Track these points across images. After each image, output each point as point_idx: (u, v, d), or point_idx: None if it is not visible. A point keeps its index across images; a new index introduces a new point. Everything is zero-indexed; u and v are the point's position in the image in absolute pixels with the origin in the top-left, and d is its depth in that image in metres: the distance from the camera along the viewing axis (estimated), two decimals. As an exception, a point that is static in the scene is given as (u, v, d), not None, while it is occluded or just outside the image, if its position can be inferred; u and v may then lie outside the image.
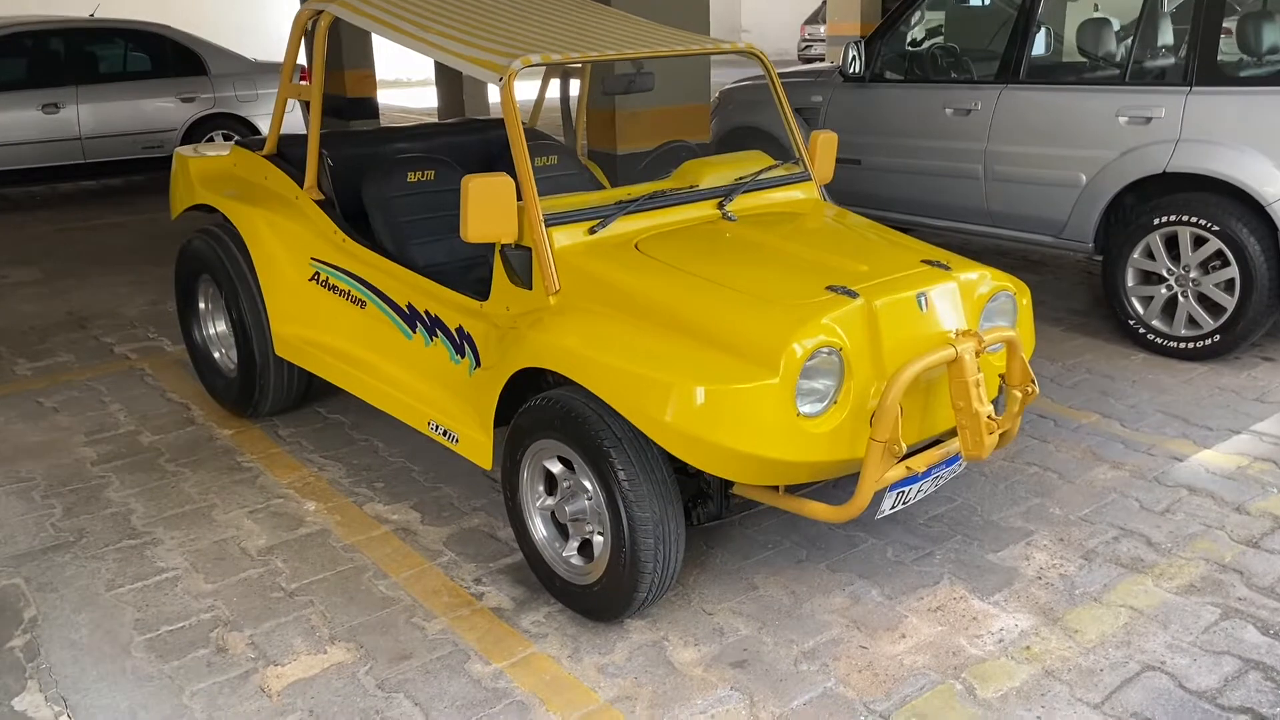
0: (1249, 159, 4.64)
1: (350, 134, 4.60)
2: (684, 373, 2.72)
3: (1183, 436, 4.22)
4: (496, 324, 3.31)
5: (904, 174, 5.90)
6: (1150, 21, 5.24)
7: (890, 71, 6.22)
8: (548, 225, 3.12)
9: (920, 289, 2.97)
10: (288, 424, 4.46)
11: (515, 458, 3.10)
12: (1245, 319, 4.79)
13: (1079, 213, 5.26)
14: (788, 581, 3.24)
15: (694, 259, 3.12)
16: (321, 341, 4.02)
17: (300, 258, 4.07)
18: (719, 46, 3.75)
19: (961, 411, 2.86)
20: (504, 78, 3.15)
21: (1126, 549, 3.39)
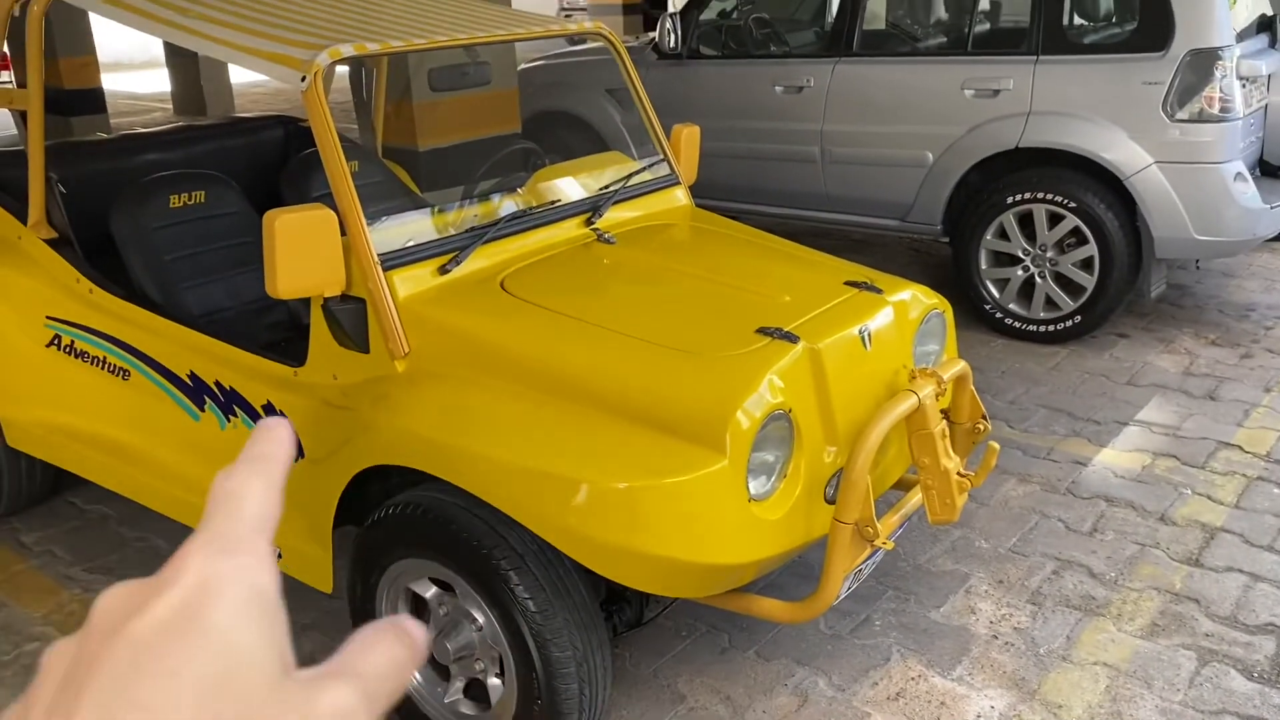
0: (1104, 131, 4.42)
1: (82, 145, 3.61)
2: (602, 464, 2.07)
3: (1074, 434, 3.94)
4: (320, 398, 2.53)
5: (733, 159, 5.40)
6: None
7: (706, 47, 5.69)
8: (386, 268, 2.37)
9: (861, 322, 2.44)
10: (33, 526, 3.46)
11: (369, 582, 2.35)
12: (1106, 298, 4.60)
13: (926, 194, 4.93)
14: (718, 683, 2.66)
15: (578, 299, 2.46)
16: (71, 426, 3.07)
17: (31, 318, 3.09)
18: (564, 28, 3.07)
19: (927, 469, 2.36)
20: (308, 76, 2.37)
21: (1072, 585, 3.02)
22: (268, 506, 0.42)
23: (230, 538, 0.40)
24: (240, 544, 0.40)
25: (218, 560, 0.39)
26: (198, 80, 12.62)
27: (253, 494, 0.42)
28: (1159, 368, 4.52)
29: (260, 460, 0.43)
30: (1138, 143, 4.37)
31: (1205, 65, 4.27)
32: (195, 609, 0.37)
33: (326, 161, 2.38)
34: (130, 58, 20.11)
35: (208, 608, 0.37)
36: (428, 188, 4.32)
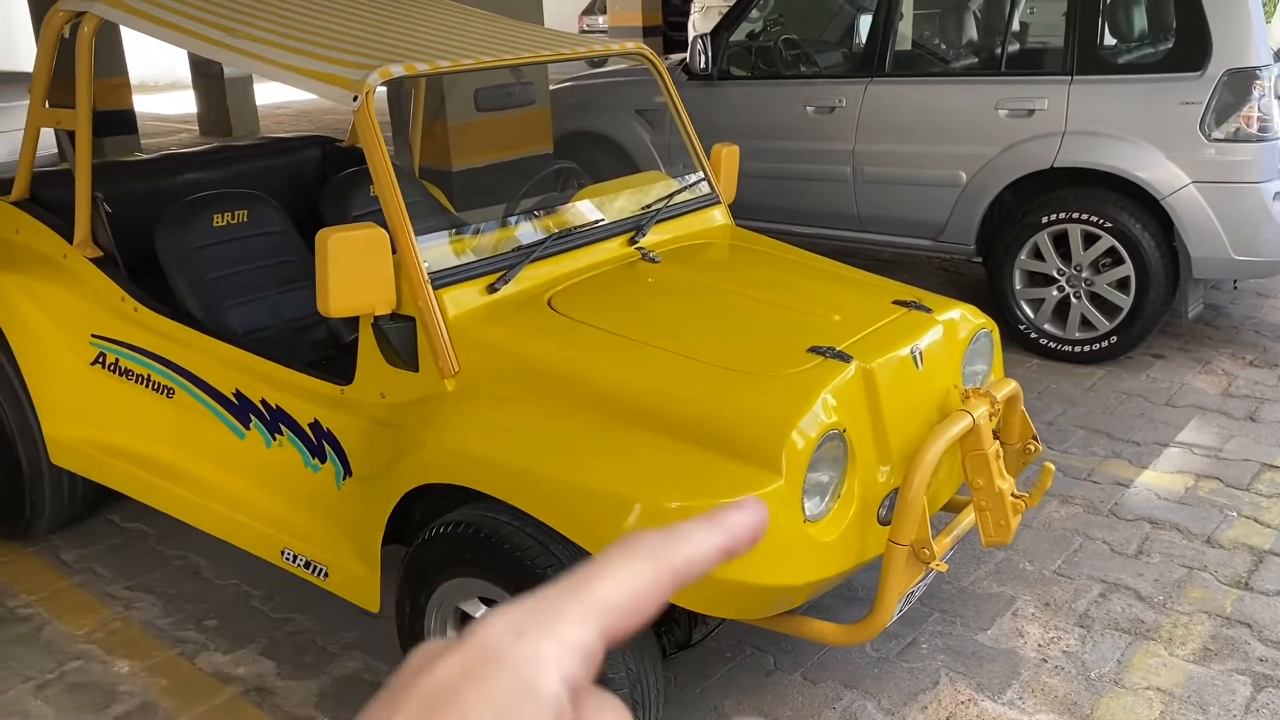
0: (1140, 151, 4.39)
1: (124, 165, 3.65)
2: (656, 483, 2.06)
3: (1115, 456, 3.90)
4: (368, 416, 2.53)
5: (764, 179, 5.40)
6: (1026, 6, 4.95)
7: (736, 67, 5.71)
8: (436, 287, 2.37)
9: (912, 342, 2.43)
10: (73, 544, 3.47)
11: (418, 601, 2.34)
12: (1142, 318, 4.56)
13: (959, 214, 4.91)
14: (765, 705, 2.63)
15: (627, 317, 2.46)
16: (116, 444, 3.07)
17: (77, 335, 3.11)
18: (607, 48, 3.08)
19: (981, 491, 2.34)
20: (360, 96, 2.38)
21: (1120, 608, 2.98)
22: (628, 599, 0.38)
23: (547, 614, 0.37)
24: (551, 626, 0.36)
25: (509, 639, 0.36)
26: (224, 101, 12.73)
27: (623, 576, 0.38)
28: (1197, 389, 4.48)
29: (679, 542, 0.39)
30: (1174, 162, 4.34)
31: (1243, 85, 4.25)
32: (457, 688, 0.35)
33: (378, 180, 2.38)
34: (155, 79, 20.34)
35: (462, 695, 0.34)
36: (463, 208, 4.33)
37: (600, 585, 0.37)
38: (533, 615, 0.36)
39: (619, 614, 0.37)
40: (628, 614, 0.38)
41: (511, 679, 0.35)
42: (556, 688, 0.35)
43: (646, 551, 0.38)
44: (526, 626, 0.36)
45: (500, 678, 0.35)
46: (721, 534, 0.40)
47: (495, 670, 0.35)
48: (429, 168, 4.68)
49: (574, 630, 0.36)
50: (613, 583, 0.37)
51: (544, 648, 0.36)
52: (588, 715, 0.37)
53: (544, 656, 0.35)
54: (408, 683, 0.36)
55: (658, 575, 0.38)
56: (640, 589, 0.38)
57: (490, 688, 0.35)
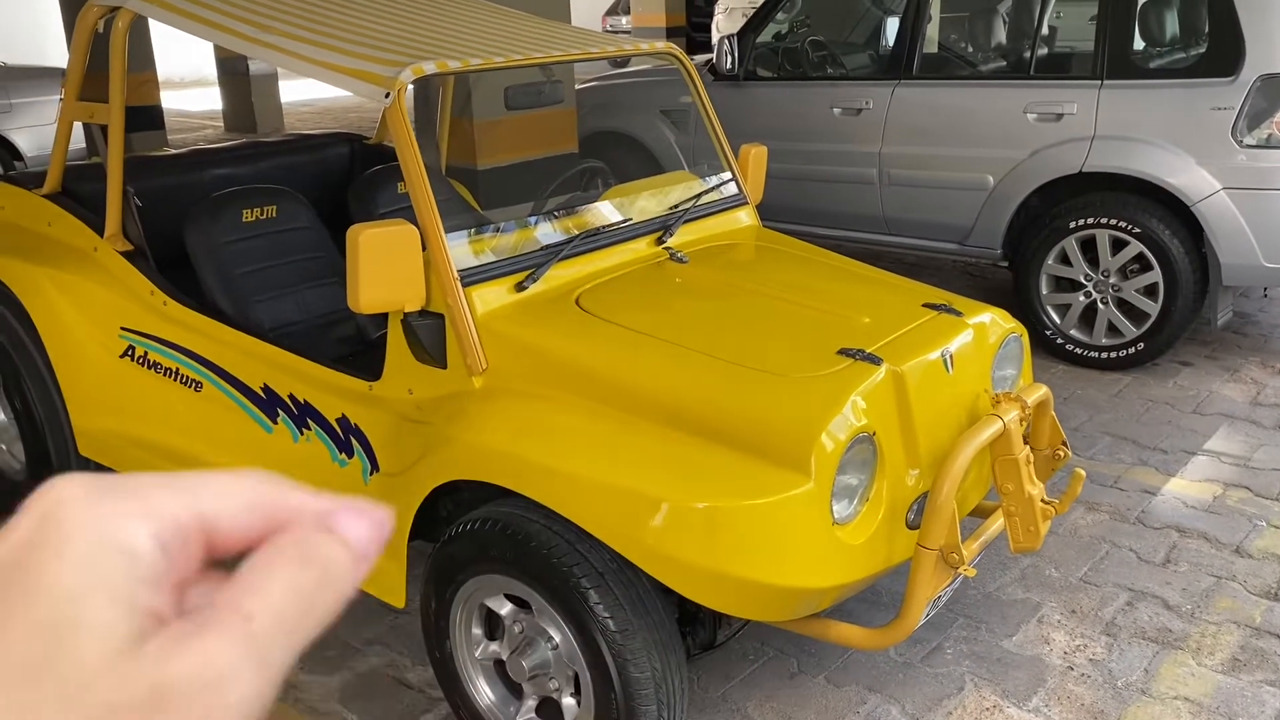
0: (1170, 156, 4.36)
1: (156, 160, 3.67)
2: (684, 483, 2.05)
3: (1142, 463, 3.87)
4: (396, 412, 2.54)
5: (789, 180, 5.38)
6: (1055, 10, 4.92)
7: (763, 68, 5.69)
8: (466, 284, 2.37)
9: (942, 346, 2.41)
10: (99, 535, 3.49)
11: (443, 597, 2.34)
12: (1170, 325, 4.52)
13: (986, 217, 4.89)
14: (788, 708, 2.62)
15: (655, 317, 2.45)
16: (143, 437, 3.09)
17: (106, 328, 3.13)
18: (637, 48, 3.08)
19: (1010, 496, 2.32)
20: (392, 94, 2.38)
21: (1147, 617, 2.95)
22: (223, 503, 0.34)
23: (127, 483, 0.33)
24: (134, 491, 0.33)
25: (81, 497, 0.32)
26: (249, 98, 12.81)
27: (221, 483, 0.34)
28: (1225, 397, 4.44)
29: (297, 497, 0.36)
30: (1205, 168, 4.30)
31: (1276, 90, 4.21)
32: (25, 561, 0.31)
33: (409, 177, 2.38)
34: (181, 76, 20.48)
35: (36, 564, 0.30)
36: (488, 206, 4.34)
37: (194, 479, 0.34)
38: (109, 482, 0.33)
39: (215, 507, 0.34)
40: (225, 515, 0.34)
41: (91, 534, 0.31)
42: (148, 543, 0.32)
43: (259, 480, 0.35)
44: (104, 489, 0.32)
45: (77, 535, 0.31)
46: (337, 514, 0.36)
47: (69, 528, 0.31)
48: (454, 165, 4.70)
49: (161, 497, 0.33)
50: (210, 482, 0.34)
51: (126, 506, 0.32)
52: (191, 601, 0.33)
53: (127, 513, 0.32)
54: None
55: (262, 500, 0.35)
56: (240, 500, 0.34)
57: (66, 546, 0.31)
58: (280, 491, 0.36)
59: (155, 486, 0.33)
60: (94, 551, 0.31)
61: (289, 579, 0.33)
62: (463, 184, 4.22)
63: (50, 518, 0.31)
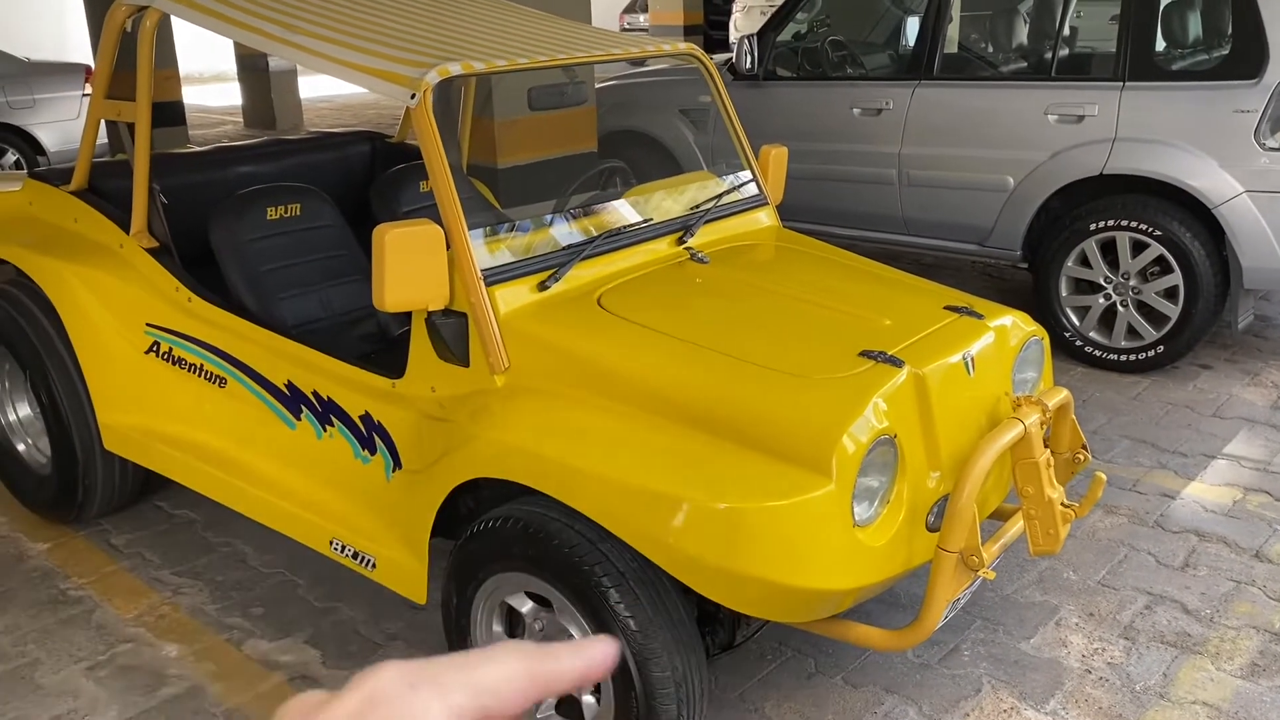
0: (1192, 159, 4.34)
1: (180, 158, 3.69)
2: (705, 483, 2.06)
3: (1161, 467, 3.86)
4: (418, 409, 2.56)
5: (808, 180, 5.38)
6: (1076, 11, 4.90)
7: (783, 68, 5.69)
8: (489, 284, 2.39)
9: (964, 349, 2.42)
10: (123, 528, 3.53)
11: (465, 594, 2.36)
12: (1190, 328, 4.51)
13: (1006, 219, 4.88)
14: (806, 708, 2.63)
15: (676, 317, 2.46)
16: (168, 432, 3.12)
17: (132, 324, 3.16)
18: (659, 48, 3.09)
19: (1030, 499, 2.32)
20: (418, 94, 2.40)
21: (1166, 621, 2.95)
22: (503, 687, 0.43)
23: (432, 678, 0.42)
24: (437, 687, 0.41)
25: (401, 689, 0.41)
26: (268, 95, 12.87)
27: (504, 668, 0.44)
28: (1245, 400, 4.42)
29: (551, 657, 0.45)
30: (1227, 171, 4.28)
31: (1300, 93, 4.18)
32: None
33: (434, 177, 2.40)
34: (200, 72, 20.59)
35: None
36: (508, 204, 4.36)
37: (483, 668, 0.43)
38: (424, 675, 0.42)
39: (492, 696, 0.43)
40: (500, 699, 0.43)
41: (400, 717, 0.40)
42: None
43: (525, 655, 0.45)
44: (419, 682, 0.41)
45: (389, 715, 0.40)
46: (584, 661, 0.47)
47: (385, 714, 0.40)
48: (475, 164, 4.72)
49: (457, 695, 0.42)
50: (493, 669, 0.44)
51: (432, 703, 0.41)
52: None
53: (430, 710, 0.41)
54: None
55: (530, 676, 0.45)
56: (514, 683, 0.44)
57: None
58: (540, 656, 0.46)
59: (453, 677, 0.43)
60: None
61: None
62: (483, 182, 4.24)
63: (373, 700, 0.40)
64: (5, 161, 8.44)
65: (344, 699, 0.41)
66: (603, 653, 0.48)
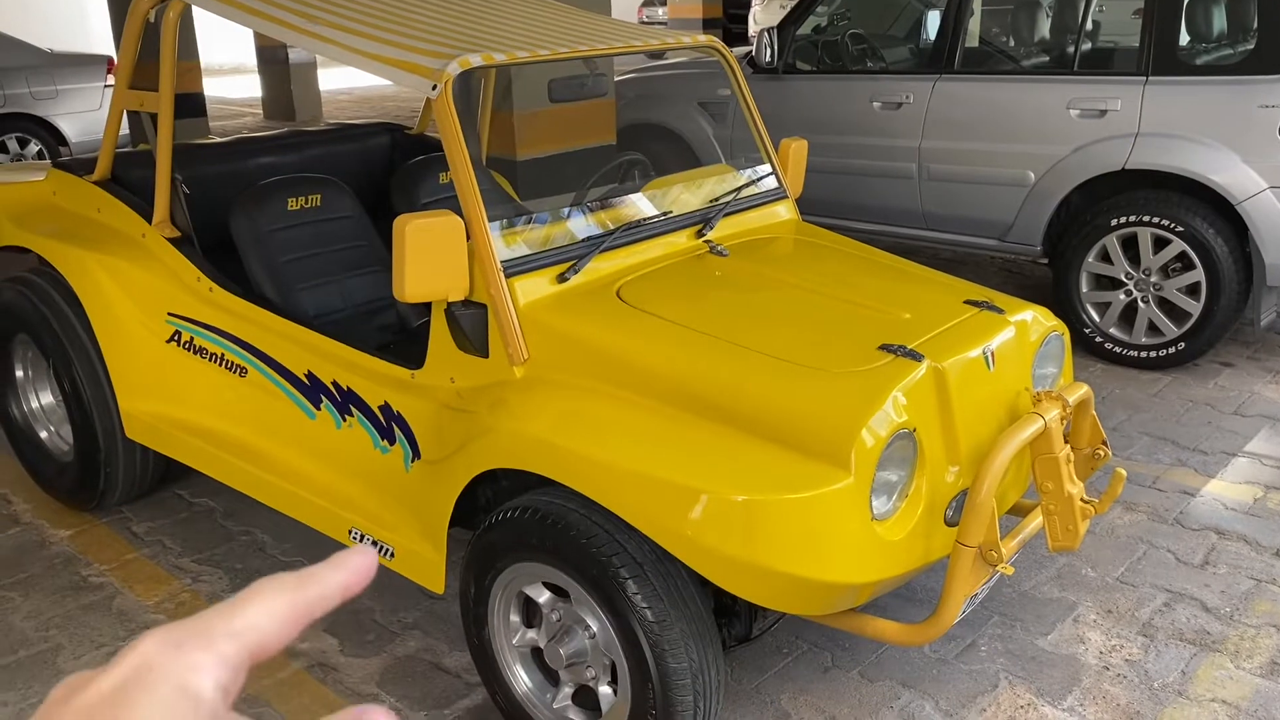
0: (1216, 154, 4.31)
1: (202, 148, 3.71)
2: (723, 475, 2.06)
3: (1181, 464, 3.84)
4: (437, 400, 2.57)
5: (828, 174, 5.37)
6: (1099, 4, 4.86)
7: (802, 61, 5.68)
8: (508, 275, 2.40)
9: (984, 343, 2.41)
10: (143, 516, 3.56)
11: (483, 584, 2.37)
12: (1212, 325, 4.47)
13: (1026, 214, 4.85)
14: (822, 702, 2.63)
15: (695, 310, 2.46)
16: (188, 421, 3.14)
17: (153, 313, 3.18)
18: (679, 40, 3.08)
19: (1050, 494, 2.32)
20: (439, 85, 2.40)
21: (1185, 618, 2.94)
22: (269, 623, 0.43)
23: (197, 632, 0.42)
24: (201, 640, 0.41)
25: (166, 651, 0.40)
26: (288, 86, 12.92)
27: (265, 605, 0.44)
28: (1267, 398, 4.39)
29: (310, 581, 0.45)
30: (1251, 166, 4.25)
31: (1326, 89, 4.14)
32: (120, 698, 0.39)
33: (455, 169, 2.41)
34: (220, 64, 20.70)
35: (131, 701, 0.39)
36: (526, 197, 4.36)
37: (244, 610, 0.43)
38: (186, 632, 0.42)
39: (262, 635, 0.43)
40: (270, 636, 0.44)
41: (169, 684, 0.39)
42: (212, 692, 0.40)
43: (284, 586, 0.45)
44: (182, 640, 0.41)
45: (159, 684, 0.39)
46: (345, 573, 0.47)
47: (153, 679, 0.39)
48: (493, 156, 4.72)
49: (224, 644, 0.42)
50: (253, 609, 0.43)
51: (199, 658, 0.41)
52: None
53: (199, 665, 0.40)
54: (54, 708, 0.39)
55: (293, 605, 0.44)
56: (276, 616, 0.44)
57: (150, 694, 0.39)
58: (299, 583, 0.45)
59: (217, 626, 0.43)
60: (171, 698, 0.39)
61: None
62: (502, 174, 4.25)
63: (140, 668, 0.40)
64: (28, 152, 8.51)
65: (109, 672, 0.40)
66: (363, 562, 0.48)
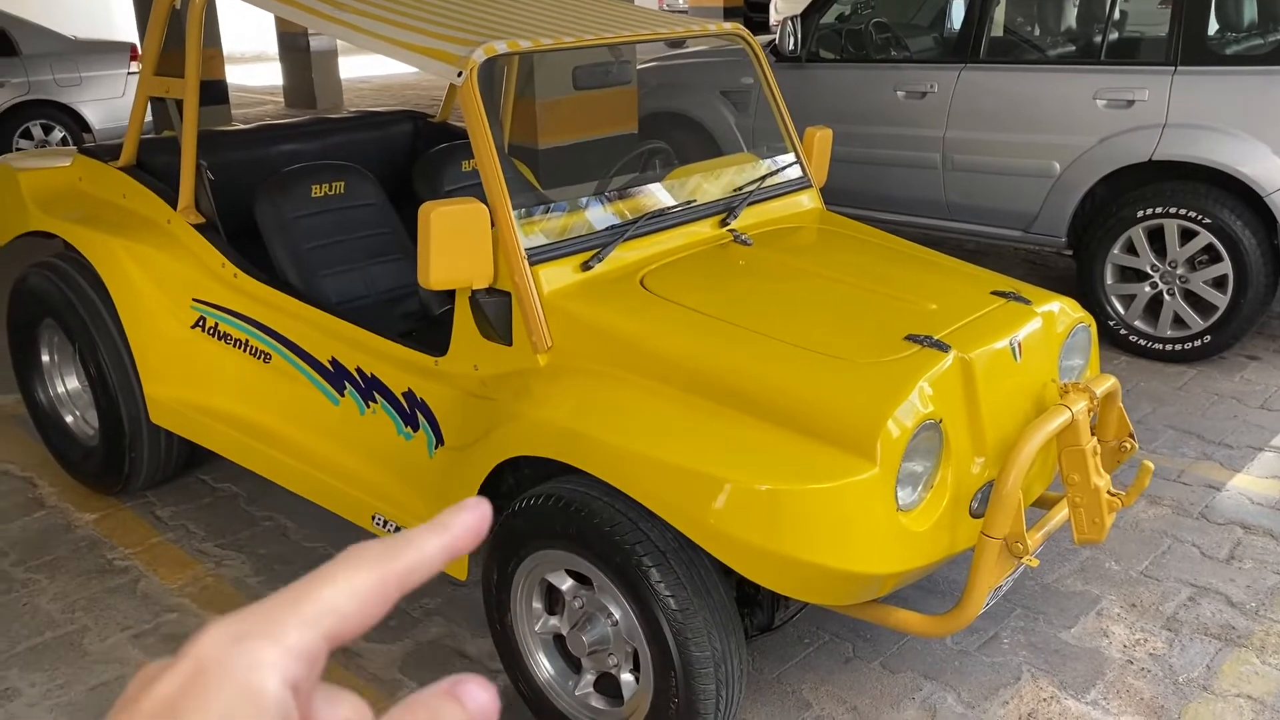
0: (1245, 146, 4.26)
1: (226, 135, 3.72)
2: (749, 464, 2.06)
3: (1206, 458, 3.81)
4: (461, 387, 2.57)
5: (851, 163, 5.34)
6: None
7: (826, 50, 5.65)
8: (533, 263, 2.40)
9: (1011, 334, 2.39)
10: (167, 501, 3.58)
11: (505, 571, 2.37)
12: (1239, 318, 4.43)
13: (1052, 204, 4.81)
14: (844, 692, 2.63)
15: (719, 299, 2.46)
16: (213, 406, 3.16)
17: (178, 299, 3.20)
18: (705, 28, 3.07)
19: (1076, 487, 2.30)
20: (464, 72, 2.40)
21: (1210, 613, 2.92)
22: (349, 604, 0.39)
23: (262, 622, 0.38)
24: (267, 632, 0.37)
25: (226, 648, 0.37)
26: (309, 74, 12.95)
27: (347, 583, 0.39)
28: (1294, 392, 4.35)
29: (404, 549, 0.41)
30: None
31: (1358, 79, 4.09)
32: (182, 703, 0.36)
33: (480, 156, 2.41)
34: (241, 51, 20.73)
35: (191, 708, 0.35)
36: (548, 185, 4.36)
37: (323, 592, 0.39)
38: (251, 623, 0.38)
39: (342, 617, 0.39)
40: (352, 617, 0.39)
41: (232, 686, 0.36)
42: (279, 690, 0.36)
43: (370, 559, 0.40)
44: (245, 634, 0.37)
45: (221, 686, 0.36)
46: (447, 535, 0.42)
47: (215, 679, 0.36)
48: (515, 145, 4.72)
49: (294, 634, 0.38)
50: (336, 589, 0.39)
51: (263, 654, 0.37)
52: (317, 714, 0.39)
53: (263, 662, 0.36)
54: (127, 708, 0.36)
55: (382, 580, 0.40)
56: (364, 593, 0.39)
57: (211, 697, 0.35)
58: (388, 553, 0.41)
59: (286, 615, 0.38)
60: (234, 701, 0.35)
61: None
62: (524, 163, 4.25)
63: (200, 669, 0.36)
64: (53, 138, 8.56)
65: (173, 670, 0.36)
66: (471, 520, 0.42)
